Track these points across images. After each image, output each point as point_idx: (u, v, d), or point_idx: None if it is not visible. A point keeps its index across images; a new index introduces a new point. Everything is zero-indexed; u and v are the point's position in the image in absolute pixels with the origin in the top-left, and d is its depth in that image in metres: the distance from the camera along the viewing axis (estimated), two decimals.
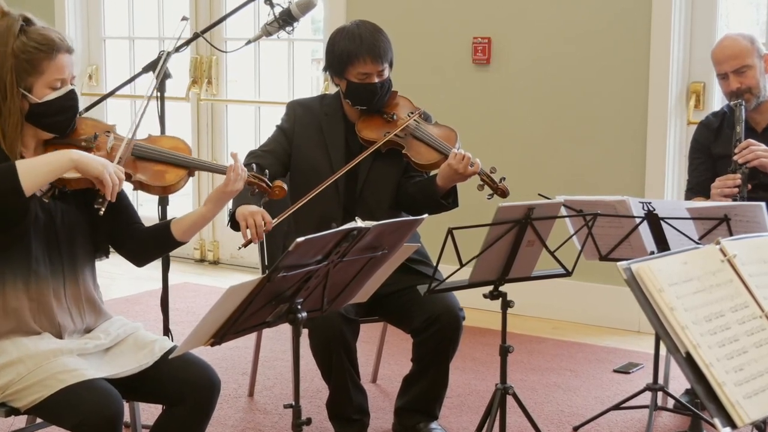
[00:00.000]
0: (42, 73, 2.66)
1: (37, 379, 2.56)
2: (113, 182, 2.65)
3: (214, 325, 2.40)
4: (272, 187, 3.02)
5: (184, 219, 2.87)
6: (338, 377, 3.43)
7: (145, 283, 5.66)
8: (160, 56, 3.49)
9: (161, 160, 2.88)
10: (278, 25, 3.64)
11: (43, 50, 2.65)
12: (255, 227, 3.24)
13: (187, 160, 2.90)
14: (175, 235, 2.86)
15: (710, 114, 4.00)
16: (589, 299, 5.16)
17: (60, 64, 2.68)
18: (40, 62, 2.65)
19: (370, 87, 3.52)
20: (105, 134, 2.86)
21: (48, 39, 2.67)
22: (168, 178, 2.86)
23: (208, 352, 3.15)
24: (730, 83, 3.75)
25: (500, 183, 3.47)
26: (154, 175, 2.85)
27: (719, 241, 2.14)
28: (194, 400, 2.67)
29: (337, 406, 3.50)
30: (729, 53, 3.76)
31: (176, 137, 3.01)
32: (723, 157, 3.77)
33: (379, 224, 2.50)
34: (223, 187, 2.89)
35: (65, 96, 2.71)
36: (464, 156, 3.42)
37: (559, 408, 4.00)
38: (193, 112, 6.43)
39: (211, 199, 2.89)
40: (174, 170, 2.87)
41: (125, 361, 2.71)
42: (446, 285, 3.06)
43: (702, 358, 1.96)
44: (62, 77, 2.69)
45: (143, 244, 2.89)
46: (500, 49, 5.28)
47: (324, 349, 3.39)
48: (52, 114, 2.71)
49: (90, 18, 6.79)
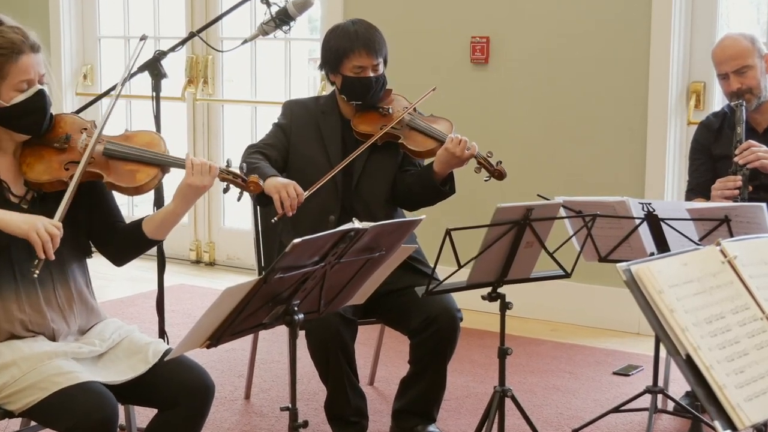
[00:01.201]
0: (5, 77, 2.62)
1: (32, 381, 2.54)
2: (43, 239, 2.54)
3: (210, 327, 2.39)
4: (247, 182, 2.94)
5: (155, 216, 2.83)
6: (335, 378, 3.42)
7: (140, 285, 5.64)
8: (156, 57, 3.48)
9: (132, 158, 2.80)
10: (275, 25, 3.63)
11: (4, 54, 2.61)
12: (289, 200, 3.24)
13: (158, 158, 2.82)
14: (146, 233, 2.81)
15: (710, 114, 3.99)
16: (589, 301, 5.15)
17: (24, 66, 2.63)
18: (2, 66, 2.61)
19: (365, 81, 3.55)
20: (81, 131, 2.80)
21: (8, 41, 2.62)
22: (139, 178, 2.79)
23: (204, 355, 3.14)
24: (731, 83, 3.73)
25: (497, 165, 3.50)
26: (125, 175, 2.78)
27: (720, 242, 2.14)
28: (188, 404, 2.66)
29: (335, 407, 3.49)
30: (730, 53, 3.74)
31: (152, 132, 2.94)
32: (723, 157, 3.76)
33: (377, 225, 2.50)
34: (186, 180, 2.79)
35: (33, 98, 2.67)
36: (461, 140, 3.45)
37: (558, 411, 3.99)
38: (188, 112, 6.42)
39: (177, 194, 2.81)
40: (145, 169, 2.80)
41: (119, 367, 2.69)
42: (444, 286, 3.05)
43: (702, 361, 1.96)
44: (27, 78, 2.65)
45: (120, 243, 2.85)
46: (499, 49, 5.28)
47: (321, 349, 3.38)
48: (21, 116, 2.67)
49: (85, 17, 6.77)
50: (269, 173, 3.41)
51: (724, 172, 3.68)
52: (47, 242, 2.55)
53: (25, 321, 2.67)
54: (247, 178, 2.94)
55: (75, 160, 2.75)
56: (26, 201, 2.72)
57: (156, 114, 3.54)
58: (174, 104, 6.30)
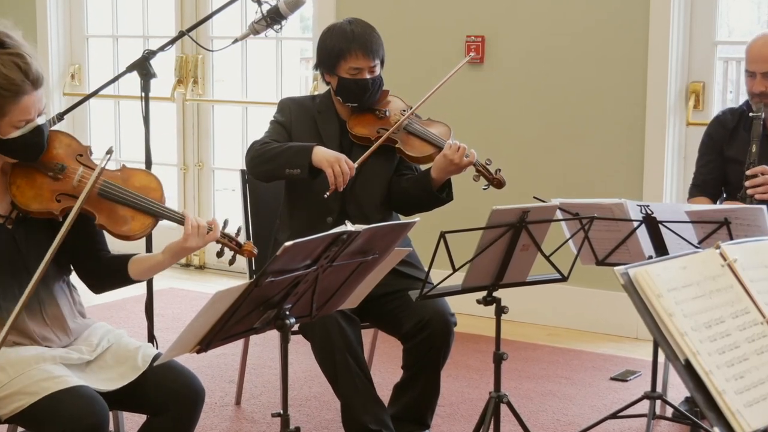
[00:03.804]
0: (5, 115, 2.59)
1: (20, 386, 2.53)
2: None
3: (200, 331, 2.38)
4: (242, 249, 2.83)
5: (143, 262, 2.79)
6: (345, 383, 3.34)
7: (129, 289, 5.50)
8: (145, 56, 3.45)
9: (129, 204, 2.73)
10: (266, 24, 3.61)
11: (6, 95, 2.57)
12: (342, 175, 3.32)
13: (155, 208, 2.75)
14: (131, 273, 2.79)
15: (727, 110, 3.97)
16: (586, 305, 5.14)
17: (24, 106, 2.60)
18: (3, 105, 2.58)
19: (361, 83, 3.52)
20: (76, 158, 2.74)
21: (11, 82, 2.57)
22: (133, 227, 2.73)
23: (193, 360, 3.15)
24: (757, 84, 3.72)
25: (496, 174, 3.51)
26: (118, 220, 2.72)
27: (719, 245, 2.12)
28: (177, 410, 2.66)
29: (349, 415, 3.37)
30: (766, 55, 3.71)
31: (151, 174, 2.87)
32: (734, 161, 3.76)
33: (370, 228, 2.48)
34: (182, 242, 2.72)
35: (30, 134, 2.64)
36: (459, 146, 3.44)
37: (555, 417, 3.97)
38: (178, 112, 6.39)
39: (169, 250, 2.75)
40: (140, 217, 2.73)
41: (109, 374, 2.69)
42: (438, 290, 3.04)
43: (701, 366, 1.93)
44: (27, 118, 2.62)
45: (103, 274, 2.82)
46: (494, 48, 5.26)
47: (327, 353, 3.32)
48: (17, 150, 2.65)
49: (72, 15, 6.74)
50: (309, 144, 3.43)
51: (734, 176, 3.69)
52: None
53: (15, 339, 2.63)
54: (242, 244, 2.84)
55: (68, 192, 2.70)
56: (11, 221, 2.69)
57: (145, 115, 3.53)
58: (163, 105, 6.28)
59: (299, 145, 3.47)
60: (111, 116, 6.66)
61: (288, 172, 3.43)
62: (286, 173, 3.44)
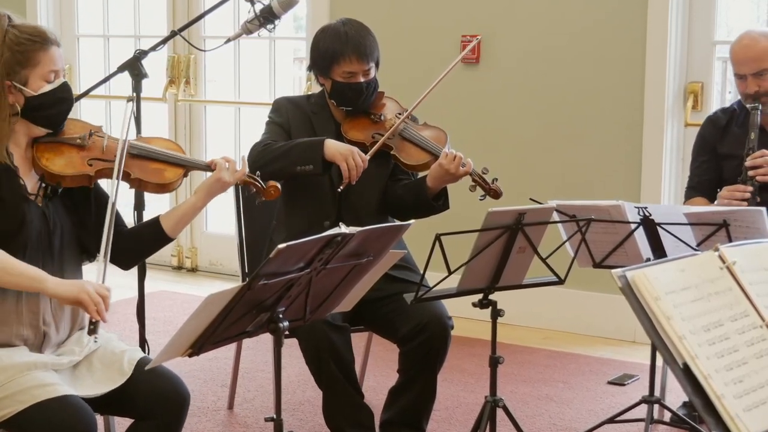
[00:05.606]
0: (36, 65, 2.67)
1: (10, 392, 2.53)
2: (95, 301, 2.60)
3: (191, 335, 2.37)
4: (266, 187, 3.03)
5: (174, 212, 2.89)
6: (328, 387, 3.36)
7: (120, 292, 5.52)
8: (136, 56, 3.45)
9: (158, 158, 2.90)
10: (259, 23, 3.61)
11: (38, 41, 2.67)
12: (356, 169, 3.35)
13: (183, 159, 2.94)
14: (165, 229, 2.87)
15: (719, 110, 3.95)
16: (583, 308, 5.13)
17: (53, 56, 2.70)
18: (35, 53, 2.67)
19: (355, 87, 3.49)
20: (98, 134, 2.87)
21: (40, 31, 2.70)
22: (167, 176, 2.89)
23: (185, 363, 3.13)
24: (749, 86, 3.68)
25: (493, 184, 3.50)
26: (152, 173, 2.88)
27: (718, 248, 2.11)
28: (163, 414, 2.67)
29: (331, 417, 3.41)
30: (751, 55, 3.67)
31: (167, 139, 3.05)
32: (729, 157, 3.74)
33: (364, 230, 2.47)
34: (215, 175, 2.90)
35: (60, 88, 2.72)
36: (456, 156, 3.42)
37: (552, 421, 3.96)
38: (170, 113, 6.38)
39: (203, 188, 2.90)
40: (172, 169, 2.90)
41: (97, 377, 2.70)
42: (434, 293, 3.02)
43: (700, 370, 1.92)
44: (56, 68, 2.71)
45: (130, 245, 2.89)
46: (490, 48, 5.25)
47: (314, 357, 3.32)
48: (48, 107, 2.71)
49: (63, 15, 6.74)
50: (319, 139, 3.42)
51: (730, 172, 3.67)
52: (100, 303, 2.60)
53: (21, 321, 2.65)
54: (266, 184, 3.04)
55: (98, 157, 2.81)
56: (39, 198, 2.73)
57: (136, 115, 3.52)
58: (155, 105, 6.26)
59: (308, 140, 3.45)
60: (102, 117, 6.64)
61: (300, 169, 3.40)
62: (297, 170, 3.40)
